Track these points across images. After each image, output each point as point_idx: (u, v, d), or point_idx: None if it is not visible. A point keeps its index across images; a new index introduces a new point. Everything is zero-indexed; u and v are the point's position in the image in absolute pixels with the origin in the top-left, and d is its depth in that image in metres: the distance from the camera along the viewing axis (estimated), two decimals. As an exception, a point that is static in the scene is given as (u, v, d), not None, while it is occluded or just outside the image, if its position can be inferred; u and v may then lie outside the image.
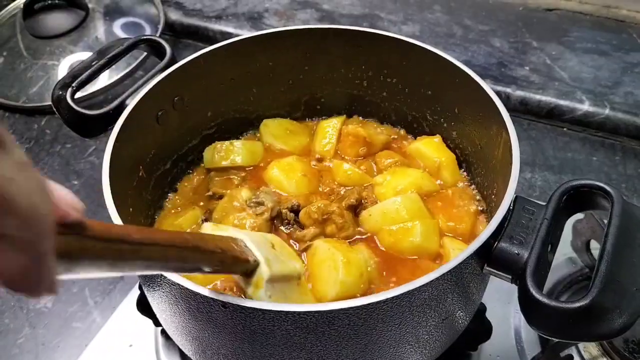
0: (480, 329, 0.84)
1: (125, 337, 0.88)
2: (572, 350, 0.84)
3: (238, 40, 0.87)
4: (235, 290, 0.69)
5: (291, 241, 0.78)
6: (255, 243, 0.58)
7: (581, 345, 0.84)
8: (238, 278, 0.58)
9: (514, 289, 0.61)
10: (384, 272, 0.74)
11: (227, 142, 0.91)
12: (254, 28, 1.43)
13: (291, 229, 0.79)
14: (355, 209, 0.80)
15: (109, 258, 0.41)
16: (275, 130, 0.94)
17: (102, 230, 0.40)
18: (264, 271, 0.56)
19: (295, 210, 0.78)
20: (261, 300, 0.57)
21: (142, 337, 0.88)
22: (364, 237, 0.79)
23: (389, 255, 0.76)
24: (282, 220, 0.80)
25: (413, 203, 0.79)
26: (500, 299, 0.89)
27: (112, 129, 0.73)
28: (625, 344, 0.82)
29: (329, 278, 0.69)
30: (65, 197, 0.37)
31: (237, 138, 0.96)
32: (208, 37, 1.45)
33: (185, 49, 1.44)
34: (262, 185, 0.86)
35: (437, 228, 0.78)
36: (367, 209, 0.80)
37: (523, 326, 0.88)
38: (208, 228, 0.61)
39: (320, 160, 0.90)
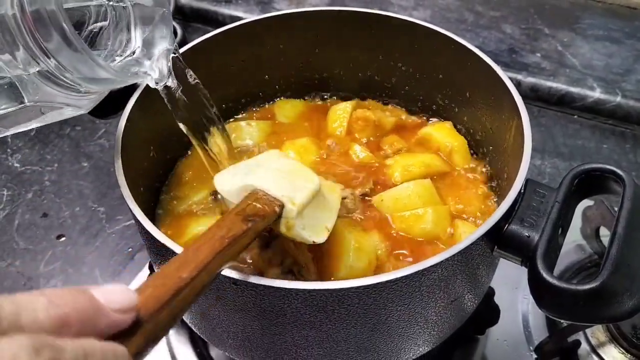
0: (488, 312, 0.84)
1: (134, 317, 0.89)
2: (580, 336, 0.84)
3: (249, 22, 0.87)
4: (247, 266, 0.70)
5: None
6: (272, 185, 0.58)
7: (589, 330, 0.85)
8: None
9: (522, 274, 0.61)
10: (393, 254, 0.74)
11: (242, 123, 0.91)
12: (264, 12, 1.42)
13: None
14: (366, 197, 0.80)
15: (173, 317, 0.40)
16: (288, 112, 0.95)
17: (155, 301, 0.39)
18: (289, 210, 0.57)
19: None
20: (298, 234, 0.58)
21: (151, 316, 0.89)
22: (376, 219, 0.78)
23: (400, 237, 0.76)
24: None
25: (425, 189, 0.78)
26: (508, 284, 0.89)
27: (122, 109, 0.73)
28: (633, 329, 0.82)
29: (337, 259, 0.69)
30: (113, 300, 0.35)
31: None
32: (217, 21, 1.45)
33: (194, 32, 1.43)
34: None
35: (448, 214, 0.77)
36: (379, 194, 0.79)
37: (531, 311, 0.88)
38: (219, 182, 0.61)
39: (332, 142, 0.90)
